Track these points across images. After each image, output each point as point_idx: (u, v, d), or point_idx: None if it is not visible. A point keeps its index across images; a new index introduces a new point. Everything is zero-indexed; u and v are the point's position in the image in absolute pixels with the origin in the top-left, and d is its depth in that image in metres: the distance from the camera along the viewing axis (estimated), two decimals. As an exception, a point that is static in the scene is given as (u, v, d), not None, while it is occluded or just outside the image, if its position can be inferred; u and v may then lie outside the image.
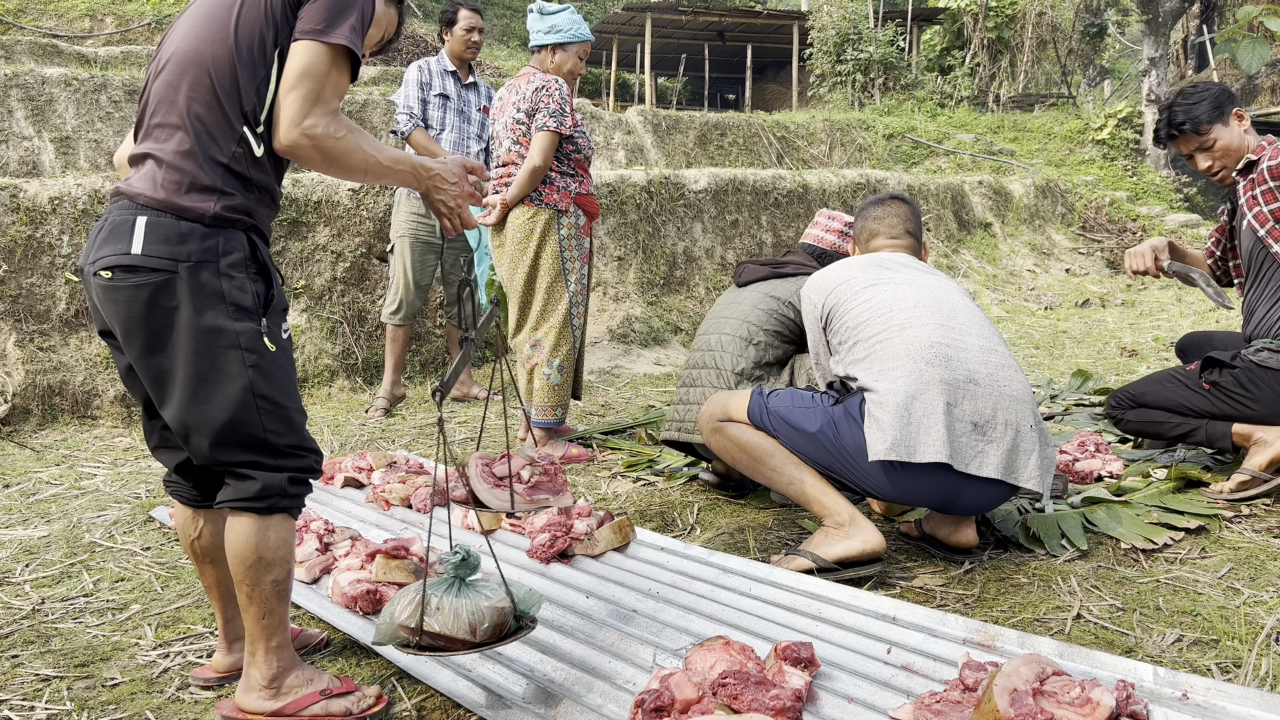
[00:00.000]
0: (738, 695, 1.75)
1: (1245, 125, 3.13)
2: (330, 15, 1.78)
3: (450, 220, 2.04)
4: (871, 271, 2.81)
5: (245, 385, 1.80)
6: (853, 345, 2.68)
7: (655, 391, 5.71)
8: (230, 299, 1.79)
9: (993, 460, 2.47)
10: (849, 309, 2.72)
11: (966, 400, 2.49)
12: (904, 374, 2.50)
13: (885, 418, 2.46)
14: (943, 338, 2.57)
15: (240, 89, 1.79)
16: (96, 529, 3.30)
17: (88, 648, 2.36)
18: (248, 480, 1.83)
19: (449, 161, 2.02)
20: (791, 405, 2.67)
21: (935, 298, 2.70)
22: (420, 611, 1.85)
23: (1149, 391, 3.27)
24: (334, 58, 1.79)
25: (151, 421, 1.98)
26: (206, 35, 1.81)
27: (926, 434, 2.43)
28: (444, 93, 5.04)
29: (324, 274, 5.89)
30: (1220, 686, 1.77)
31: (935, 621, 2.16)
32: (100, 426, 4.95)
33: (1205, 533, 2.80)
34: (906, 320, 2.61)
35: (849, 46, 16.89)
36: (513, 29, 20.89)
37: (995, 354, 2.62)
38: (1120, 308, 8.83)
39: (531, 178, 3.82)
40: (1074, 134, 14.34)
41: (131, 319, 1.77)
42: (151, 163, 1.81)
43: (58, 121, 7.65)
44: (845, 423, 2.57)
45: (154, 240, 1.75)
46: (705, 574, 2.57)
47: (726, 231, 8.07)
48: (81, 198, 5.22)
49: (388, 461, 3.63)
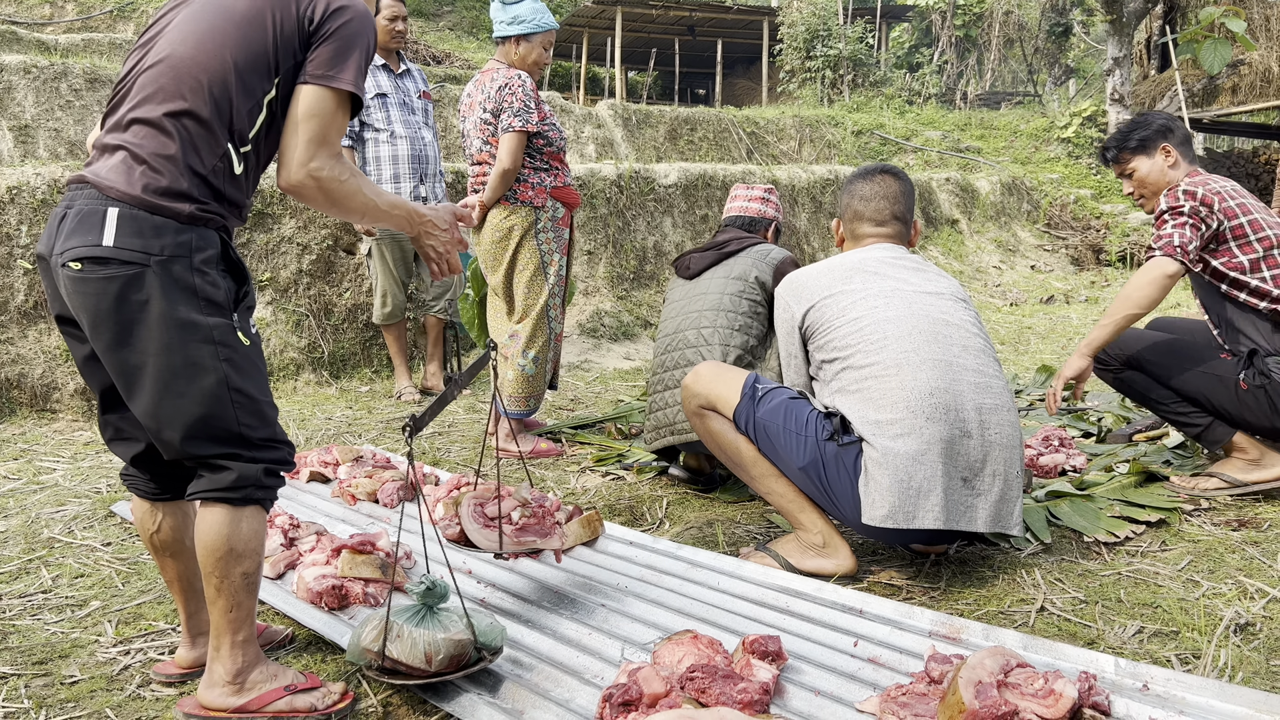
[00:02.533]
0: (705, 689, 1.75)
1: (1172, 160, 3.13)
2: (338, 59, 1.84)
3: (439, 264, 2.12)
4: (857, 279, 2.62)
5: (220, 379, 1.79)
6: (840, 370, 2.52)
7: (624, 386, 5.70)
8: (203, 294, 1.78)
9: (982, 515, 2.40)
10: (836, 325, 2.56)
11: (960, 455, 2.38)
12: (903, 430, 2.35)
13: (885, 481, 2.34)
14: (940, 380, 2.40)
15: (233, 107, 1.80)
16: (56, 524, 3.24)
17: (46, 645, 2.32)
18: (223, 471, 1.82)
19: (440, 209, 2.10)
20: (782, 427, 2.50)
21: (929, 318, 2.52)
22: (383, 637, 1.88)
23: (1166, 367, 3.11)
24: (339, 101, 1.85)
25: (106, 414, 1.95)
26: (209, 47, 1.80)
27: (925, 499, 2.33)
28: (380, 91, 4.99)
29: (290, 266, 5.82)
30: (1180, 677, 1.79)
31: (902, 614, 2.18)
32: (60, 420, 4.87)
33: (1166, 526, 2.85)
34: (902, 356, 2.43)
35: (818, 43, 16.98)
36: (482, 21, 20.74)
37: (989, 393, 2.46)
38: (1084, 304, 8.94)
39: (503, 180, 3.80)
40: (1039, 132, 14.50)
41: (101, 311, 1.75)
42: (126, 155, 1.78)
43: (16, 110, 7.50)
44: (836, 468, 2.44)
45: (126, 233, 1.73)
46: (674, 568, 2.57)
47: (696, 226, 8.08)
48: (40, 187, 5.12)
49: (354, 456, 3.60)
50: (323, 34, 1.84)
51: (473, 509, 2.35)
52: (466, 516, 2.31)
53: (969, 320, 2.59)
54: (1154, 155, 3.15)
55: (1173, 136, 3.15)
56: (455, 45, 17.12)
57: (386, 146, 5.00)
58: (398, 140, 5.01)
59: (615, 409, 4.85)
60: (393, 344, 5.39)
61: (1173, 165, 3.14)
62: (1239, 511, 2.91)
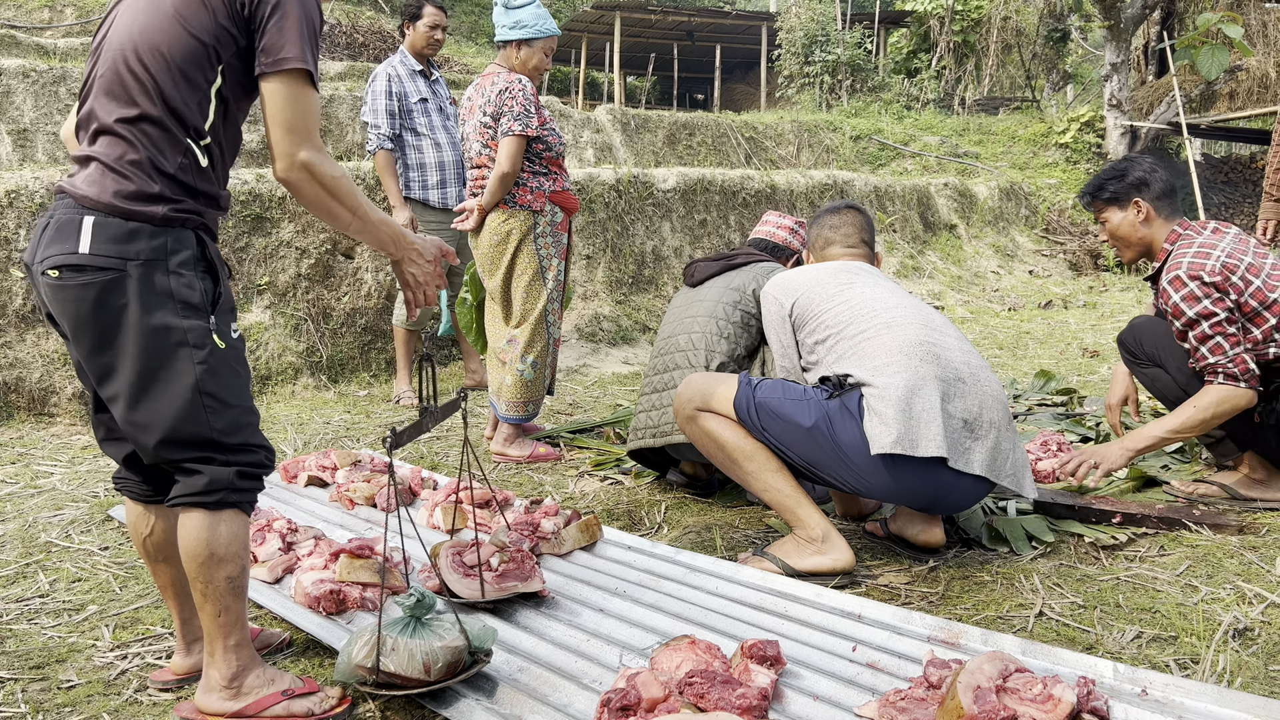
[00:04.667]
0: (704, 694, 1.74)
1: (1144, 215, 3.00)
2: (279, 40, 1.80)
3: (415, 294, 2.10)
4: (843, 275, 2.83)
5: (192, 383, 1.79)
6: (834, 344, 2.68)
7: (623, 390, 5.70)
8: (179, 297, 1.78)
9: (979, 458, 2.50)
10: (826, 309, 2.73)
11: (957, 398, 2.52)
12: (900, 369, 2.51)
13: (888, 411, 2.44)
14: (928, 336, 2.60)
15: (183, 103, 1.79)
16: (53, 528, 3.24)
17: (43, 649, 2.31)
18: (195, 475, 1.82)
19: (428, 241, 2.10)
20: (783, 397, 2.61)
21: (911, 301, 2.75)
22: (376, 652, 1.87)
23: (1189, 378, 3.02)
24: (295, 82, 1.81)
25: (98, 415, 1.97)
26: (145, 45, 1.79)
27: (927, 428, 2.44)
28: (422, 96, 5.00)
29: (288, 270, 5.82)
30: (1178, 683, 1.79)
31: (900, 619, 2.18)
32: (57, 424, 4.86)
33: (1165, 531, 2.84)
34: (891, 319, 2.63)
35: (817, 48, 16.99)
36: (481, 26, 20.77)
37: (973, 355, 2.67)
38: (1082, 309, 8.95)
39: (502, 183, 3.79)
40: (1038, 137, 14.51)
41: (80, 318, 1.77)
42: (97, 165, 1.79)
43: (15, 114, 7.50)
44: (841, 418, 2.54)
45: (101, 239, 1.74)
46: (672, 573, 2.57)
47: (695, 231, 8.08)
48: (39, 191, 5.12)
49: (352, 460, 3.59)
50: (260, 18, 1.80)
51: (451, 559, 2.37)
52: (445, 568, 2.35)
53: (944, 318, 2.79)
54: (1126, 209, 3.03)
55: (1147, 191, 3.00)
56: (455, 50, 17.11)
57: (431, 153, 5.00)
58: (441, 147, 5.01)
59: (613, 413, 4.85)
60: (401, 346, 5.34)
61: (1144, 220, 3.00)
62: (1238, 517, 2.91)
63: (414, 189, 5.03)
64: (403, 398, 5.32)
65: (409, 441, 2.07)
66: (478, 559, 2.33)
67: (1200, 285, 2.79)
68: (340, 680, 1.93)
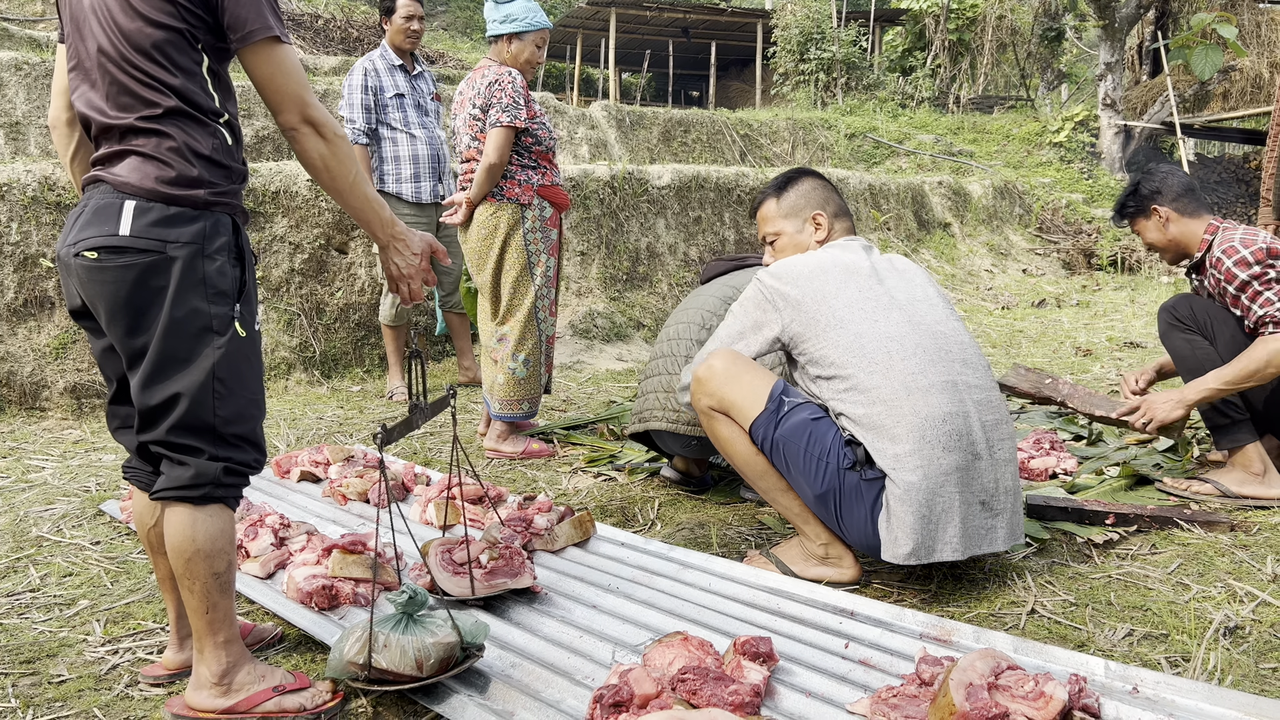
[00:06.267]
0: (697, 690, 1.75)
1: (1164, 219, 3.19)
2: (241, 13, 1.79)
3: (399, 286, 2.09)
4: (853, 288, 2.53)
5: (207, 366, 1.80)
6: (845, 389, 2.44)
7: (617, 387, 5.70)
8: (211, 283, 1.80)
9: (1001, 534, 2.42)
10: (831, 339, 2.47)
11: (975, 480, 2.37)
12: (920, 463, 2.31)
13: (907, 517, 2.32)
14: (950, 405, 2.37)
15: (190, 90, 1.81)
16: (44, 523, 3.23)
17: (34, 644, 2.30)
18: (181, 467, 1.82)
19: (419, 235, 2.09)
20: (803, 450, 2.43)
21: (930, 333, 2.48)
22: (368, 649, 1.87)
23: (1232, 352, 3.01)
24: (270, 50, 1.81)
25: (117, 404, 1.97)
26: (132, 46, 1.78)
27: (943, 531, 2.33)
28: (398, 91, 4.98)
29: (282, 265, 5.80)
30: (1170, 680, 1.80)
31: (892, 616, 2.18)
32: (49, 418, 4.84)
33: (1157, 529, 2.85)
34: (910, 379, 2.38)
35: (812, 46, 16.99)
36: (475, 21, 20.73)
37: (991, 408, 2.46)
38: (1075, 308, 8.97)
39: (489, 175, 3.78)
40: (1032, 136, 14.54)
41: (118, 300, 1.77)
42: (135, 157, 1.80)
43: (7, 106, 7.47)
44: (853, 499, 2.41)
45: (142, 222, 1.76)
46: (665, 569, 2.57)
47: (690, 228, 8.08)
48: (31, 184, 5.10)
49: (345, 456, 3.59)
50: None
51: (440, 557, 2.37)
52: (435, 566, 2.34)
53: (958, 325, 2.58)
54: (1150, 218, 3.25)
55: (1162, 197, 3.20)
56: (449, 45, 17.10)
57: (406, 146, 5.01)
58: (416, 141, 5.01)
59: (607, 410, 4.84)
60: (390, 343, 5.38)
61: (1167, 223, 3.20)
62: (1230, 515, 2.92)
63: (388, 183, 5.04)
64: (395, 393, 5.33)
65: (400, 438, 2.07)
66: (467, 556, 2.33)
67: (1254, 251, 2.97)
68: (332, 676, 1.93)
